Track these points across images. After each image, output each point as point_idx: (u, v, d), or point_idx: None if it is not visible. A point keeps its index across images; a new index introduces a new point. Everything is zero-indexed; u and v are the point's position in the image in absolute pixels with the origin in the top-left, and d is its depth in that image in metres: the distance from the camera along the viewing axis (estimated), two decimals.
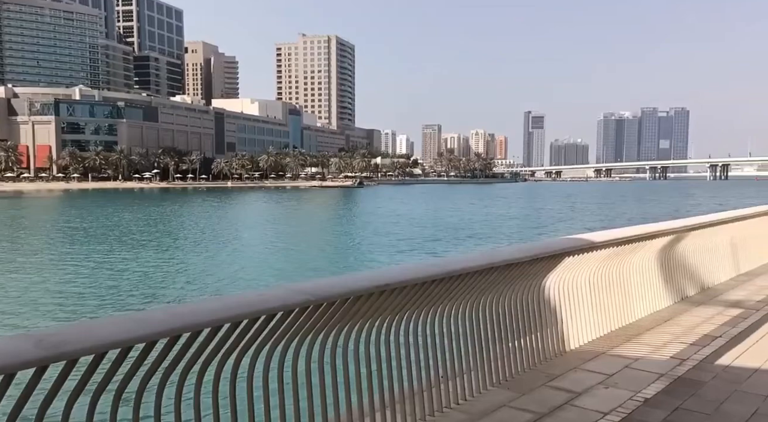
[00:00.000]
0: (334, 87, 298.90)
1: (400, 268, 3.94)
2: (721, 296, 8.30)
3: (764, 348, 5.74)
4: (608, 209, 68.98)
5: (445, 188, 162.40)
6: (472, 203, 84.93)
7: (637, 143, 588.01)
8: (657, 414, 4.13)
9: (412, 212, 64.19)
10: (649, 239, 7.01)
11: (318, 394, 3.36)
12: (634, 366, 5.23)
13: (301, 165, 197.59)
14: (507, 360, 4.94)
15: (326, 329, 3.41)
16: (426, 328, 4.18)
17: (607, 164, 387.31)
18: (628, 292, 6.85)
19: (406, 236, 38.29)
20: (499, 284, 4.83)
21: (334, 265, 27.24)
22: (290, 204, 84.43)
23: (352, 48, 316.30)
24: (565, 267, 5.63)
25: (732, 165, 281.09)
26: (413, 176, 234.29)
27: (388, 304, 3.76)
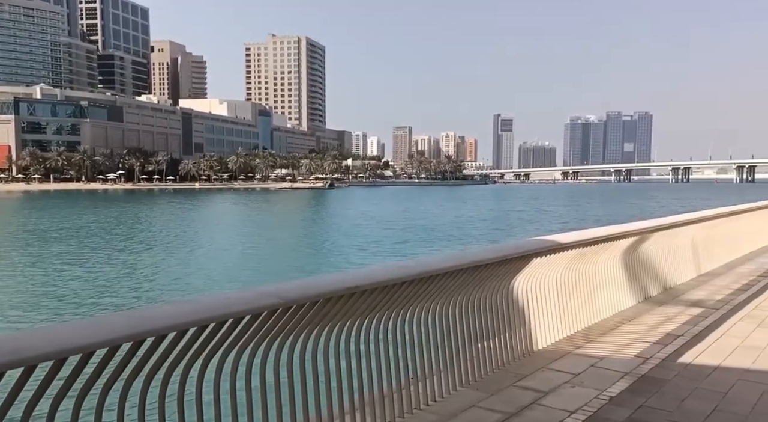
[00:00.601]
0: (304, 88, 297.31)
1: (370, 270, 3.94)
2: (683, 296, 8.53)
3: (723, 347, 5.93)
4: (575, 211, 70.31)
5: (415, 190, 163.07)
6: (441, 204, 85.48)
7: (603, 146, 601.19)
8: (621, 412, 4.21)
9: (383, 213, 64.27)
10: (614, 240, 7.16)
11: (287, 398, 3.33)
12: (599, 365, 5.33)
13: (271, 166, 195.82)
14: (476, 361, 4.99)
15: (295, 332, 3.38)
16: (396, 330, 4.19)
17: (574, 166, 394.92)
18: (594, 292, 6.99)
19: (377, 238, 38.31)
20: (468, 285, 4.87)
21: (304, 267, 27.05)
22: (259, 206, 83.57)
23: (322, 49, 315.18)
24: (534, 268, 5.71)
25: (693, 168, 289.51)
26: (384, 177, 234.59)
27: (358, 306, 3.75)
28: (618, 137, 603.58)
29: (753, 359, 5.51)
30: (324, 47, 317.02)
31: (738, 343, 6.04)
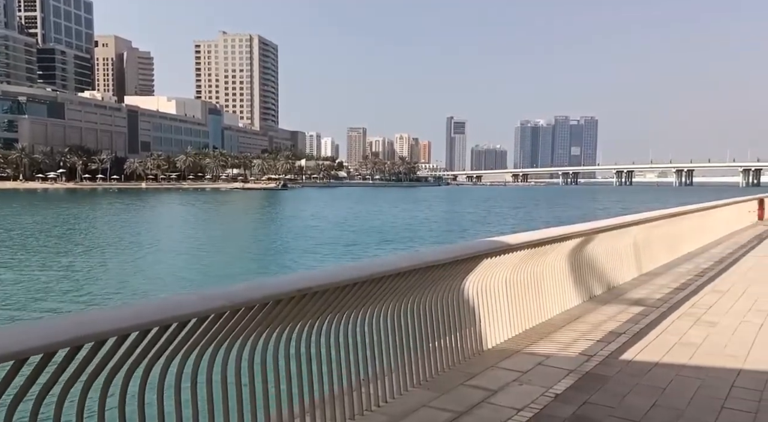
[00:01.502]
0: (256, 87, 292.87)
1: (322, 271, 3.91)
2: (625, 295, 8.87)
3: (663, 344, 6.19)
4: (524, 213, 71.98)
5: (369, 191, 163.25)
6: (395, 206, 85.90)
7: (551, 149, 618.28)
8: (566, 409, 4.34)
9: (336, 215, 64.01)
10: (561, 241, 7.36)
11: (234, 403, 3.26)
12: (546, 363, 5.47)
13: (222, 166, 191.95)
14: (428, 361, 5.03)
15: (244, 335, 3.32)
16: (348, 331, 4.17)
17: (524, 169, 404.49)
18: (542, 292, 7.17)
19: (329, 240, 38.11)
20: (419, 286, 4.91)
21: (255, 270, 26.58)
22: (209, 206, 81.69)
23: (275, 48, 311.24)
24: (484, 268, 5.81)
25: (636, 172, 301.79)
26: (338, 178, 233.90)
27: (309, 308, 3.72)
28: (566, 140, 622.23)
29: (690, 355, 5.78)
30: (277, 46, 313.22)
31: (676, 340, 6.32)
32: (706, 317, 7.43)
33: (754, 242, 16.81)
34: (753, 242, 16.81)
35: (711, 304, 8.23)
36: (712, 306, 8.08)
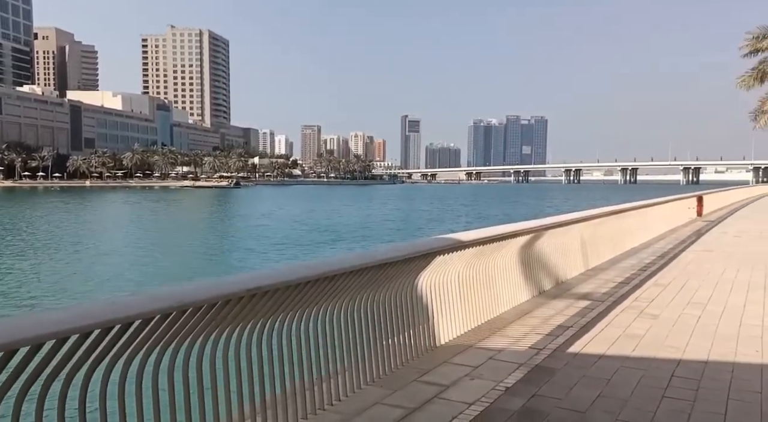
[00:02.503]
0: (207, 83, 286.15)
1: (272, 270, 3.86)
2: (573, 290, 9.14)
3: (608, 336, 6.42)
4: (477, 210, 73.19)
5: (324, 189, 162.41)
6: (349, 204, 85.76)
7: (503, 148, 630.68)
8: (515, 402, 4.44)
9: (290, 213, 63.39)
10: (512, 238, 7.52)
11: (182, 405, 3.18)
12: (497, 358, 5.58)
13: (171, 164, 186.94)
14: (381, 358, 5.05)
15: (192, 336, 3.25)
16: (300, 330, 4.14)
17: (477, 167, 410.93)
18: (493, 288, 7.31)
19: (283, 239, 37.69)
20: (373, 284, 4.92)
21: (204, 270, 25.92)
22: (157, 205, 79.40)
23: (226, 43, 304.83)
24: (437, 265, 5.87)
25: (583, 170, 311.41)
26: (293, 176, 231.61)
27: (260, 308, 3.67)
28: (517, 139, 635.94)
29: (633, 347, 6.01)
30: (228, 41, 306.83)
31: (620, 333, 6.56)
32: (649, 310, 7.75)
33: (693, 237, 17.63)
34: (692, 237, 17.63)
35: (653, 297, 8.58)
36: (654, 299, 8.43)
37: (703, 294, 8.82)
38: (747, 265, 11.87)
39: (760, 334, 6.50)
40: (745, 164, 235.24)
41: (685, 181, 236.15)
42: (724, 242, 16.52)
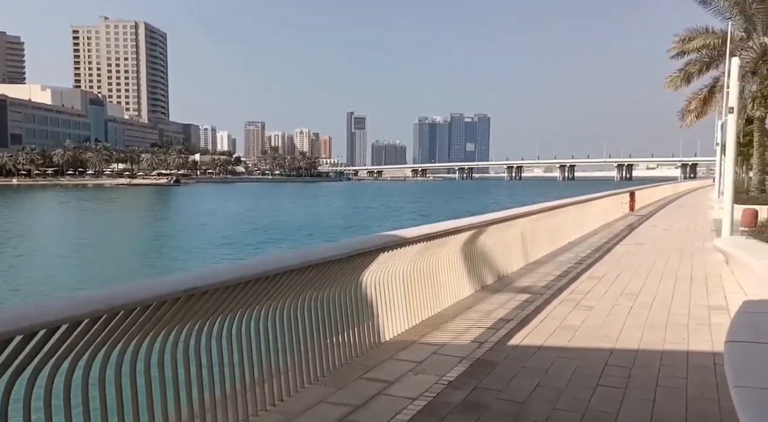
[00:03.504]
0: (143, 77, 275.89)
1: (211, 270, 3.77)
2: (514, 284, 9.40)
3: (546, 328, 6.63)
4: (423, 207, 74.00)
5: (269, 187, 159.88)
6: (294, 202, 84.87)
7: (448, 145, 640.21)
8: (458, 395, 4.52)
9: (232, 211, 62.08)
10: (455, 234, 7.65)
11: (114, 414, 3.06)
12: (440, 352, 5.67)
13: (106, 161, 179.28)
14: (325, 356, 5.03)
15: (124, 340, 3.12)
16: (241, 331, 4.06)
17: (422, 164, 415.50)
18: (437, 283, 7.42)
19: (224, 238, 36.83)
20: (316, 282, 4.89)
21: (140, 272, 24.89)
22: (89, 204, 75.90)
23: (163, 36, 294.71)
24: (381, 263, 5.90)
25: (525, 167, 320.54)
26: (236, 173, 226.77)
27: (197, 309, 3.57)
28: (461, 137, 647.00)
29: (569, 338, 6.24)
30: (165, 34, 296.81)
31: (558, 324, 6.79)
32: (584, 302, 8.06)
33: (625, 231, 18.47)
34: (624, 231, 18.47)
35: (588, 290, 8.94)
36: (589, 292, 8.78)
37: (635, 285, 9.26)
38: (675, 257, 12.54)
39: (686, 323, 6.88)
40: (674, 161, 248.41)
41: (619, 177, 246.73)
42: (654, 235, 17.39)
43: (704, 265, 11.43)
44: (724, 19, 29.17)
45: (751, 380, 3.03)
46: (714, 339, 6.07)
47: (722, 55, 28.39)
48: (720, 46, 29.22)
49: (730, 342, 3.70)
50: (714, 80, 32.78)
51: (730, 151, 13.02)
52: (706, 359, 5.42)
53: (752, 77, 27.56)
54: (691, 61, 31.60)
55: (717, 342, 5.80)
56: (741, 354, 3.48)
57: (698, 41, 30.41)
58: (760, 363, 3.33)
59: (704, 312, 7.40)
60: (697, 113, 34.06)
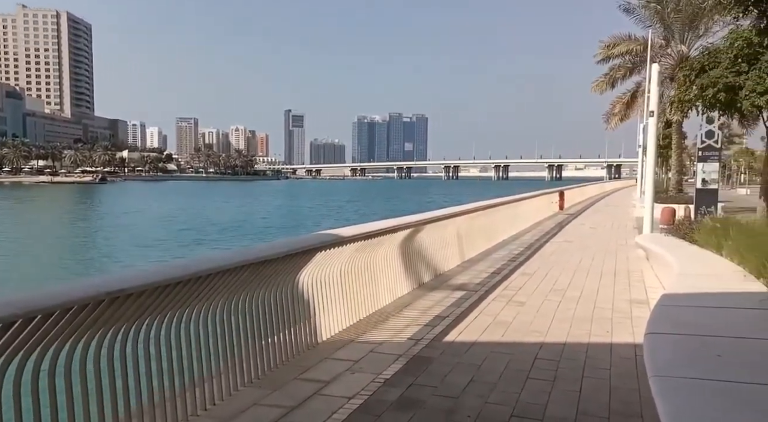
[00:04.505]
0: (66, 70, 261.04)
1: (138, 271, 3.62)
2: (450, 281, 9.58)
3: (480, 324, 6.80)
4: (361, 206, 74.14)
5: (202, 185, 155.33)
6: (229, 201, 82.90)
7: (387, 144, 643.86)
8: (394, 392, 4.57)
9: (163, 211, 59.90)
10: (392, 233, 7.71)
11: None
12: (377, 350, 5.70)
13: (25, 157, 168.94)
14: (260, 358, 4.94)
15: (42, 346, 2.95)
16: (171, 334, 3.93)
17: (362, 163, 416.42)
18: (375, 282, 7.45)
19: (153, 238, 35.48)
20: (252, 282, 4.80)
21: (61, 275, 23.51)
22: (4, 203, 71.11)
23: (87, 27, 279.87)
24: (318, 262, 5.87)
25: (461, 167, 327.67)
26: (167, 171, 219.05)
27: (124, 311, 3.43)
28: (399, 136, 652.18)
29: (502, 333, 6.43)
30: (90, 25, 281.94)
31: (491, 320, 6.98)
32: (516, 298, 8.33)
33: (555, 229, 19.22)
34: (554, 229, 19.22)
35: (520, 286, 9.24)
36: (521, 288, 9.07)
37: (563, 281, 9.66)
38: (600, 254, 13.18)
39: (610, 316, 7.24)
40: (600, 161, 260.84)
41: (549, 177, 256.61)
42: (582, 233, 18.20)
43: (627, 261, 12.07)
44: (646, 27, 30.95)
45: (667, 370, 3.21)
46: (635, 331, 6.42)
47: (644, 61, 30.11)
48: (642, 53, 30.98)
49: (649, 333, 3.92)
50: (636, 85, 34.76)
51: (650, 153, 13.81)
52: (628, 350, 5.72)
53: (671, 83, 29.38)
54: (616, 67, 33.30)
55: (638, 334, 6.13)
56: (659, 345, 3.70)
57: (622, 47, 32.12)
58: (676, 353, 3.55)
59: (626, 306, 7.82)
60: (621, 117, 35.98)
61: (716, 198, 16.67)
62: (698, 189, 16.64)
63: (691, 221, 12.79)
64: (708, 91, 16.22)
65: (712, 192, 16.51)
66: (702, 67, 17.17)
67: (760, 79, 15.20)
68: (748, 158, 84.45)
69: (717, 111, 16.81)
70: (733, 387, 2.93)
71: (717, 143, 16.63)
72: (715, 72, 16.35)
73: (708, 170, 16.59)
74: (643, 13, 30.67)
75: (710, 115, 16.74)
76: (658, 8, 29.53)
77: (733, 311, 4.54)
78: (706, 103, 16.59)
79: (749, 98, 15.40)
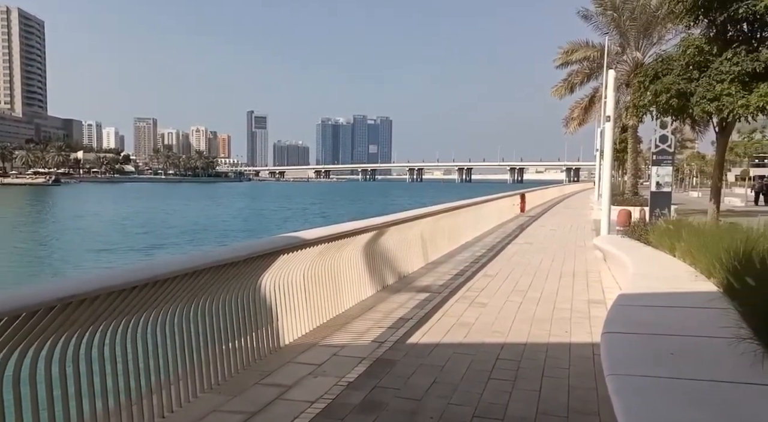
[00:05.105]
0: (17, 67, 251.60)
1: (92, 276, 3.51)
2: (414, 283, 9.62)
3: (443, 325, 6.85)
4: (326, 208, 73.78)
5: (162, 187, 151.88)
6: (189, 203, 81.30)
7: (351, 146, 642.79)
8: (357, 395, 4.55)
9: (120, 214, 58.30)
10: (356, 235, 7.70)
11: None
12: (341, 354, 5.67)
13: None
14: (221, 363, 4.85)
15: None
16: (127, 340, 3.82)
17: (326, 165, 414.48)
18: (339, 285, 7.42)
19: (108, 242, 34.43)
20: (212, 286, 4.71)
21: (7, 282, 22.56)
22: None
23: (40, 24, 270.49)
24: (281, 265, 5.80)
25: (425, 169, 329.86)
26: (125, 173, 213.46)
27: (76, 318, 3.31)
28: (364, 138, 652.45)
29: (465, 334, 6.49)
30: (42, 22, 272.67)
31: (454, 321, 7.04)
32: (479, 299, 8.42)
33: (517, 231, 19.55)
34: (516, 231, 19.54)
35: (483, 287, 9.35)
36: (483, 289, 9.18)
37: (524, 282, 9.82)
38: (560, 255, 13.46)
39: (569, 316, 7.39)
40: (560, 165, 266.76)
41: (511, 180, 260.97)
42: (543, 235, 18.55)
43: (585, 262, 12.36)
44: (603, 34, 31.87)
45: (623, 368, 3.30)
46: (593, 331, 6.57)
47: (601, 67, 31.01)
48: (599, 59, 31.90)
49: (606, 333, 4.02)
50: (594, 90, 35.77)
51: (607, 156, 14.18)
52: (587, 350, 5.85)
53: (626, 89, 30.34)
54: (574, 72, 34.20)
55: (596, 333, 6.27)
56: (615, 344, 3.80)
57: (580, 53, 33.01)
58: (631, 352, 3.65)
59: (585, 306, 8.00)
60: (580, 121, 36.96)
61: (670, 201, 17.25)
62: (653, 192, 17.18)
63: (646, 223, 13.18)
64: (661, 97, 16.81)
65: (666, 195, 17.07)
66: (656, 73, 17.77)
67: (710, 87, 15.83)
68: (700, 162, 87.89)
69: (670, 116, 17.44)
70: (686, 383, 3.04)
71: (670, 148, 17.22)
72: (668, 79, 16.96)
73: (662, 174, 17.16)
74: (600, 20, 31.59)
75: (663, 120, 17.34)
76: (614, 16, 30.46)
77: (685, 310, 4.70)
78: (659, 109, 17.20)
79: (700, 104, 16.02)
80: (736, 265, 5.03)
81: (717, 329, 3.50)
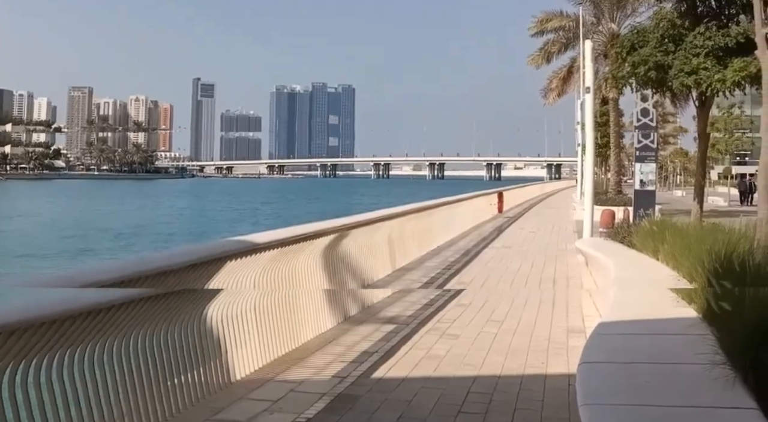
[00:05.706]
0: None
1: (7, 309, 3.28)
2: (382, 285, 9.51)
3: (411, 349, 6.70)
4: (279, 208, 73.10)
5: (95, 185, 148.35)
6: (124, 204, 79.38)
7: (309, 118, 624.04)
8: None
9: (46, 214, 56.48)
10: (315, 238, 7.48)
11: None
12: (298, 389, 5.47)
13: None
14: (166, 399, 4.61)
15: None
16: (63, 376, 3.62)
17: (280, 160, 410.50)
18: (295, 293, 7.18)
19: (31, 246, 33.19)
20: (145, 317, 4.47)
21: None
22: None
23: None
24: (226, 274, 5.54)
25: (393, 165, 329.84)
26: (55, 169, 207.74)
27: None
28: (323, 110, 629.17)
29: (434, 367, 6.26)
30: None
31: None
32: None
33: (494, 234, 19.70)
34: (493, 234, 19.69)
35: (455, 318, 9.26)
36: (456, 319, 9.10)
37: (502, 289, 9.87)
38: (540, 259, 13.59)
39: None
40: (540, 160, 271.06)
41: (488, 177, 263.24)
42: (521, 237, 18.75)
43: (566, 267, 12.51)
44: (577, 4, 32.58)
45: (597, 397, 3.42)
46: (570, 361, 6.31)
47: (577, 37, 31.69)
48: (575, 29, 32.67)
49: (583, 363, 4.05)
50: (572, 61, 36.55)
51: (589, 130, 14.44)
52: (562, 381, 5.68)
53: (604, 60, 31.35)
54: (550, 41, 35.06)
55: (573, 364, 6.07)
56: (591, 374, 3.86)
57: (555, 23, 34.16)
58: (607, 381, 3.75)
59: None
60: (558, 92, 37.78)
61: (654, 200, 17.69)
62: (636, 191, 17.57)
63: (629, 224, 13.42)
64: (639, 68, 17.64)
65: (650, 194, 17.48)
66: (632, 45, 18.52)
67: (687, 60, 16.55)
68: (683, 160, 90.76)
69: (650, 89, 18.11)
70: (659, 410, 3.20)
71: (652, 122, 17.98)
72: (645, 50, 17.78)
73: (645, 171, 17.57)
74: None
75: (644, 93, 18.01)
76: None
77: (665, 337, 4.84)
78: (638, 81, 17.98)
79: (678, 78, 16.76)
80: (717, 268, 5.23)
81: (693, 355, 3.67)
